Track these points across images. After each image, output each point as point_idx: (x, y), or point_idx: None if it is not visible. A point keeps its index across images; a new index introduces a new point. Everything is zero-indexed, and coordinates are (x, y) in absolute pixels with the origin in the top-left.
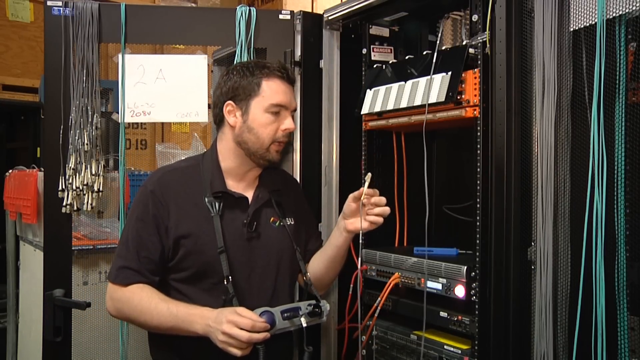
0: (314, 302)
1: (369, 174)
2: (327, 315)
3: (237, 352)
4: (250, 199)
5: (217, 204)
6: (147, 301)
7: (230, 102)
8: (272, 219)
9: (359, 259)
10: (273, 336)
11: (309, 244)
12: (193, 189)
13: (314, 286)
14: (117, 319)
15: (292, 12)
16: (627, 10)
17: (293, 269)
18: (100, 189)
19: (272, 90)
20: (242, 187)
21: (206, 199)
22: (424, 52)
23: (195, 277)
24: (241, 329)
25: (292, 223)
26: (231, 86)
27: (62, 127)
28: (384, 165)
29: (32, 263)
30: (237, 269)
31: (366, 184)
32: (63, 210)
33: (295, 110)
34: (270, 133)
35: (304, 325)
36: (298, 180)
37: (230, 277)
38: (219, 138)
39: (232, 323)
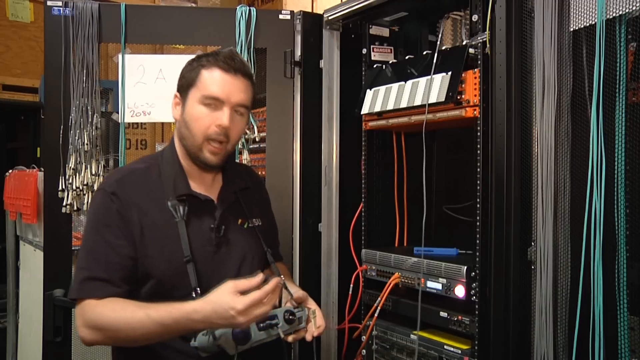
0: (289, 308)
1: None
2: (307, 319)
3: (266, 309)
4: (215, 200)
5: (181, 208)
6: (121, 313)
7: (177, 93)
8: (240, 220)
9: (359, 259)
10: (253, 349)
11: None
12: (155, 192)
13: None
14: (97, 345)
15: (292, 12)
16: (627, 10)
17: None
18: None
19: (208, 80)
20: (206, 186)
21: (169, 203)
22: (424, 52)
23: (159, 290)
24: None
25: (260, 224)
26: (180, 77)
27: (62, 127)
28: (384, 165)
29: (32, 263)
30: (205, 278)
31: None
32: (63, 210)
33: (242, 106)
34: (202, 128)
35: (282, 335)
36: (298, 180)
37: (198, 289)
38: (174, 133)
39: (240, 298)
